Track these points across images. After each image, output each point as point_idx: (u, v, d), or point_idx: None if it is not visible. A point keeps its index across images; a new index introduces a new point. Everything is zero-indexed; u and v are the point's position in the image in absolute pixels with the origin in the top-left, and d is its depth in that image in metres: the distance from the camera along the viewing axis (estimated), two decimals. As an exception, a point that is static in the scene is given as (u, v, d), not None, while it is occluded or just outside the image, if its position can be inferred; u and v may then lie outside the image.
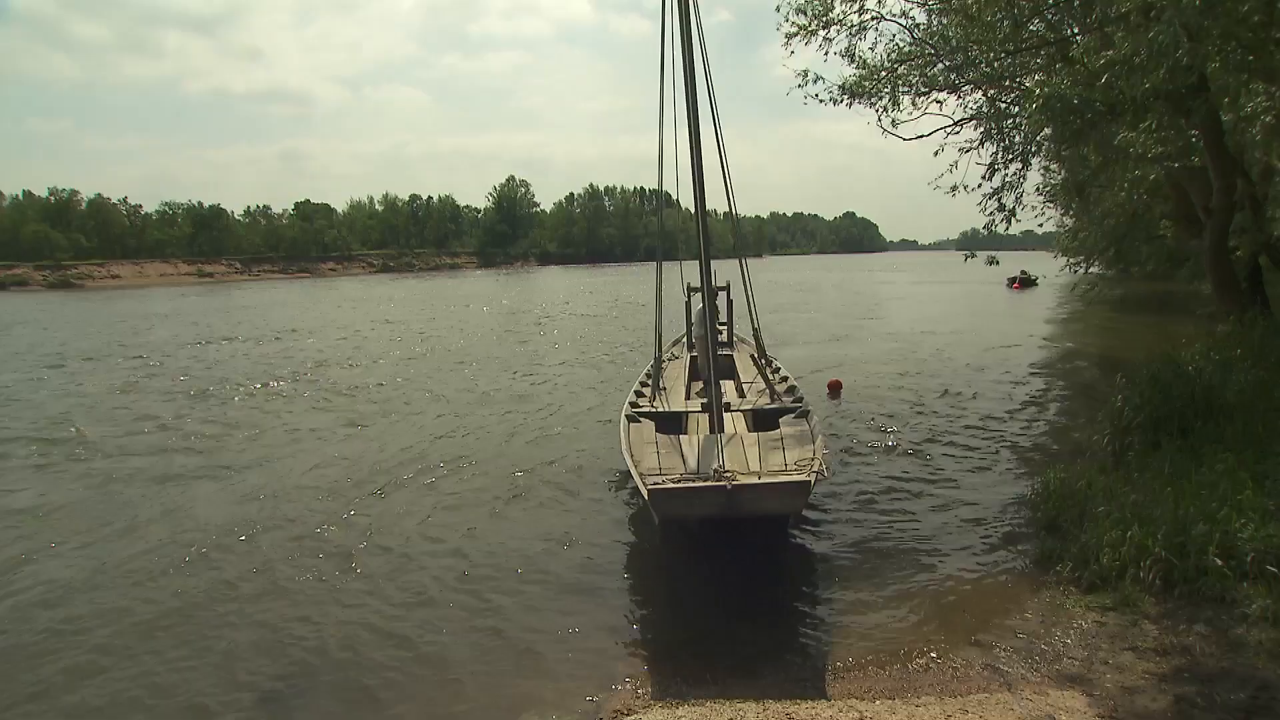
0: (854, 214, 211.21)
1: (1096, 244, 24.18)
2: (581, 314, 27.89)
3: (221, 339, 21.44)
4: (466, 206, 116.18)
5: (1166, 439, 5.95)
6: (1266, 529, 4.10)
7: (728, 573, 4.85)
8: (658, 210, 6.56)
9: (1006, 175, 9.74)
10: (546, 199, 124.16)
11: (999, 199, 9.84)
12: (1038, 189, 15.98)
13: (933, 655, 3.84)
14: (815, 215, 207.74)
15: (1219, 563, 4.00)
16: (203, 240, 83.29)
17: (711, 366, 5.91)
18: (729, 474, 4.41)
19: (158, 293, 53.04)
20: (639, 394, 7.52)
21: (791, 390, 7.42)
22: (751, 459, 5.20)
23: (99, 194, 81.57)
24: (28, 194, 79.22)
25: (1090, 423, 7.86)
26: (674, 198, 7.20)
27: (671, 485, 4.44)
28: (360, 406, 11.33)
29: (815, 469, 4.75)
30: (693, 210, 6.01)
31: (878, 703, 3.37)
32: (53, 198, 78.17)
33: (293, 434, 9.68)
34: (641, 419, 6.45)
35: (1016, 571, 4.86)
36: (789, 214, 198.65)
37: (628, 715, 3.48)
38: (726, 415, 6.21)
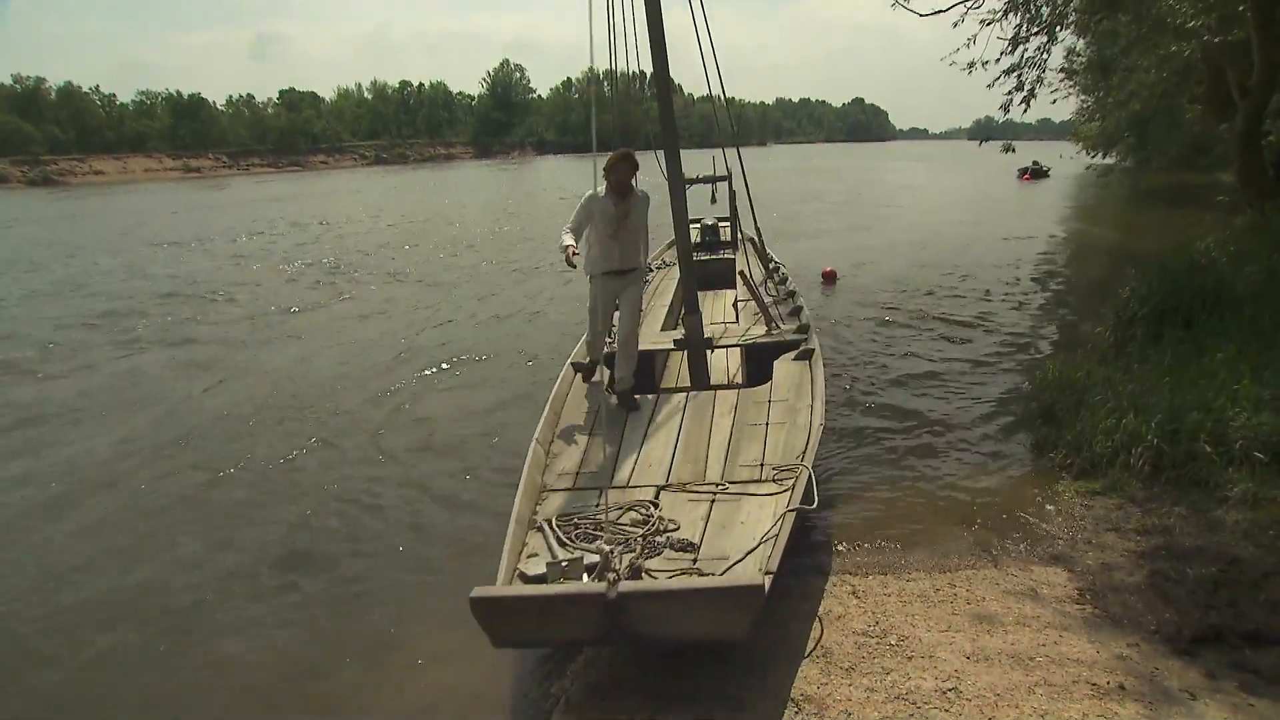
0: (863, 100, 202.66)
1: (1117, 130, 23.26)
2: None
3: (258, 233, 21.68)
4: (460, 94, 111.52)
5: (1170, 330, 5.96)
6: (1258, 417, 4.17)
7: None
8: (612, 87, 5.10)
9: (1028, 51, 9.22)
10: (539, 85, 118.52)
11: (1019, 76, 9.35)
12: (1060, 69, 15.18)
13: (924, 536, 4.02)
14: (823, 102, 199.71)
15: (1208, 449, 4.10)
16: (185, 133, 79.78)
17: (693, 287, 4.87)
18: (613, 572, 2.64)
19: (149, 189, 52.00)
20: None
21: (796, 312, 5.95)
22: (713, 454, 3.78)
23: (68, 82, 77.45)
24: None
25: (1095, 316, 7.85)
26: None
27: (506, 593, 2.62)
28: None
29: (789, 506, 3.14)
30: (695, 94, 5.46)
31: (870, 578, 3.56)
32: (18, 85, 73.97)
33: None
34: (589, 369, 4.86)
35: (1010, 458, 5.00)
36: (795, 100, 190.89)
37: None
38: (711, 355, 5.13)
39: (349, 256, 16.62)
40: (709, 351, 5.00)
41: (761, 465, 3.66)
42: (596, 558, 2.82)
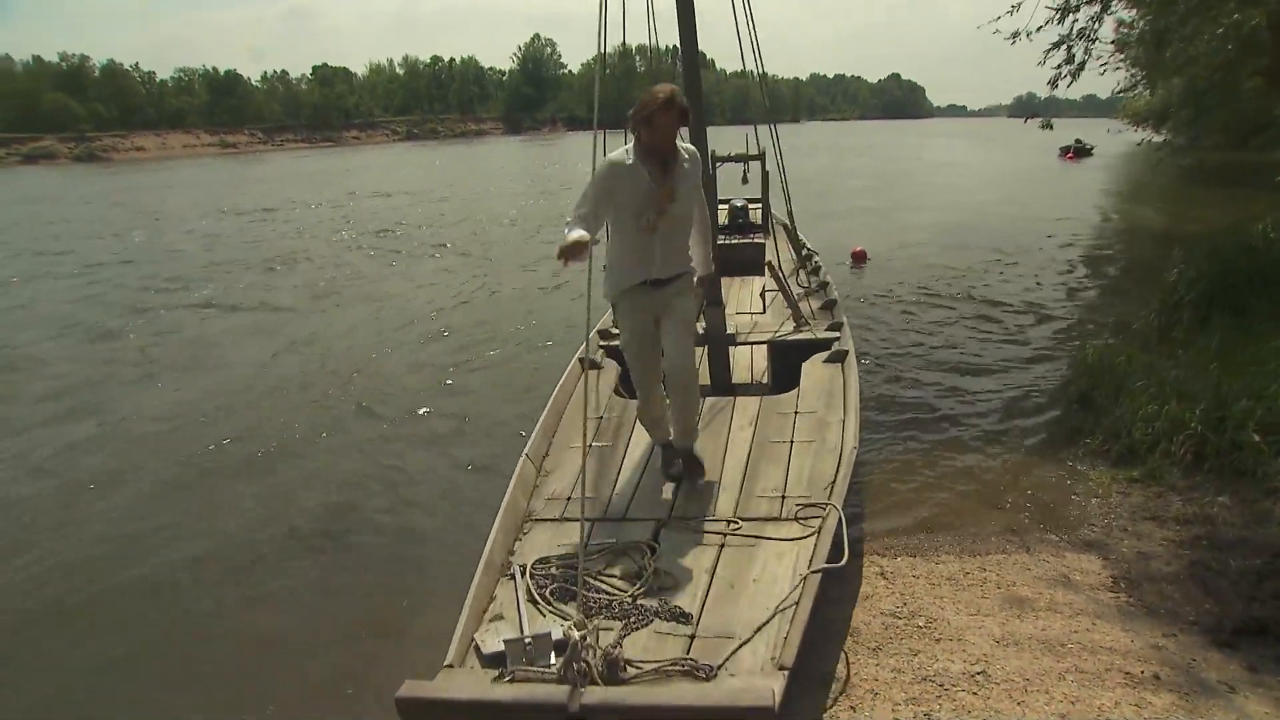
0: (899, 76, 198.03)
1: (1168, 106, 22.30)
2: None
3: (312, 204, 22.83)
4: (490, 69, 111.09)
5: (1219, 315, 5.75)
6: (1313, 407, 4.02)
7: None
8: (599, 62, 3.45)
9: (1078, 21, 8.81)
10: (570, 60, 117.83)
11: (1068, 47, 8.94)
12: (1111, 41, 14.55)
13: (954, 519, 3.97)
14: (858, 77, 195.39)
15: (1256, 438, 3.96)
16: (222, 109, 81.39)
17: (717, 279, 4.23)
18: (582, 663, 2.04)
19: (190, 164, 53.51)
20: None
21: (830, 307, 5.44)
22: (727, 480, 3.30)
23: (111, 59, 79.57)
24: (38, 59, 76.84)
25: (1138, 300, 7.62)
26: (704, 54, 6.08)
27: (441, 694, 2.09)
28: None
29: (811, 565, 2.62)
30: (726, 70, 4.91)
31: (898, 559, 3.53)
32: (64, 63, 75.83)
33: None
34: (603, 364, 4.43)
35: (1044, 442, 4.89)
36: (829, 76, 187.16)
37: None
38: (734, 352, 4.70)
39: (397, 228, 17.35)
40: (731, 348, 4.51)
41: (783, 498, 3.12)
42: (565, 631, 2.16)
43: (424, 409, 6.11)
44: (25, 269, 13.80)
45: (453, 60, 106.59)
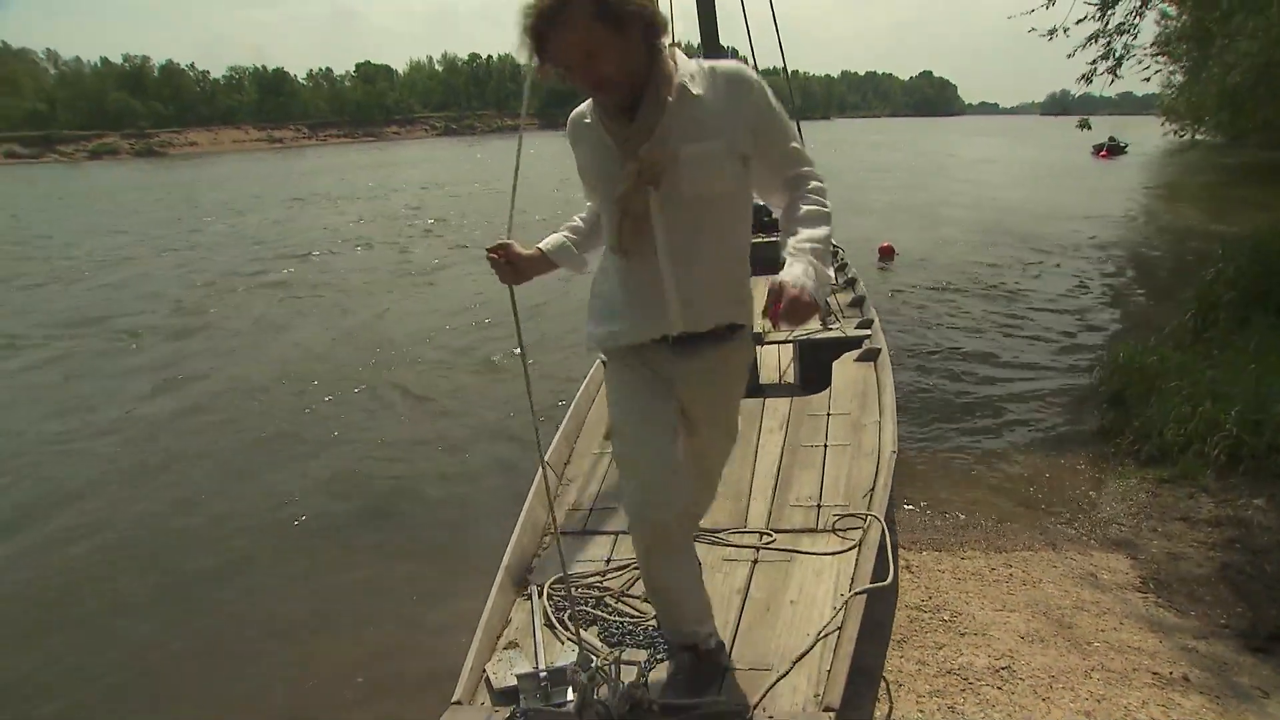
0: (930, 73, 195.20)
1: (1211, 104, 21.66)
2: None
3: (368, 196, 24.63)
4: (528, 64, 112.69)
5: (1259, 316, 5.63)
6: (1357, 410, 3.94)
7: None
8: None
9: (1115, 16, 8.58)
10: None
11: (1108, 44, 8.74)
12: (1153, 40, 14.20)
13: (981, 515, 3.96)
14: (889, 75, 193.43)
15: (1296, 441, 3.90)
16: (270, 106, 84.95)
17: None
18: (600, 705, 1.85)
19: (241, 159, 56.27)
20: None
21: (859, 304, 5.20)
22: (758, 488, 3.07)
23: (169, 59, 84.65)
24: (105, 61, 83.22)
25: (1173, 299, 7.49)
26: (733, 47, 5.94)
27: None
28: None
29: (854, 587, 2.40)
30: (754, 65, 4.52)
31: (924, 553, 3.54)
32: (127, 64, 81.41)
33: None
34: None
35: (1073, 441, 4.85)
36: (860, 73, 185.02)
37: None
38: (761, 351, 4.57)
39: (447, 217, 18.45)
40: (757, 347, 4.26)
41: (819, 507, 2.90)
42: (586, 663, 1.98)
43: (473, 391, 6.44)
44: (143, 250, 15.20)
45: (490, 57, 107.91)
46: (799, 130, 5.36)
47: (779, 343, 4.71)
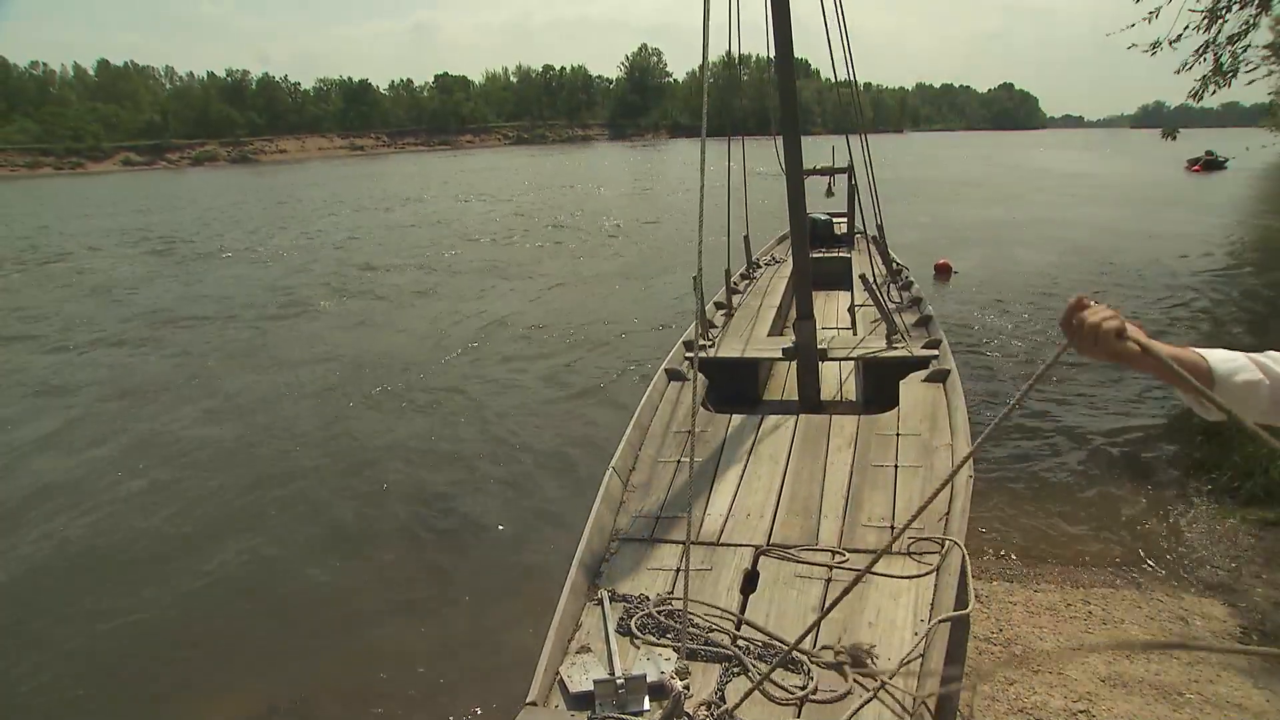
0: (1011, 86, 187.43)
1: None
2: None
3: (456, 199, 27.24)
4: (598, 77, 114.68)
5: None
6: None
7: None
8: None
9: (1224, 26, 8.06)
10: (675, 69, 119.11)
11: (1216, 54, 8.20)
12: (1266, 44, 13.27)
13: (1056, 547, 3.76)
14: (966, 87, 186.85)
15: None
16: (353, 115, 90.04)
17: (806, 295, 4.03)
18: (684, 717, 1.92)
19: (327, 165, 60.40)
20: (709, 323, 5.01)
21: (925, 323, 4.97)
22: (829, 506, 3.00)
23: (266, 73, 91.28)
24: (211, 75, 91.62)
25: (1275, 327, 6.93)
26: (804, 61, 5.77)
27: None
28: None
29: (935, 615, 2.29)
30: (830, 79, 4.47)
31: (994, 583, 3.39)
32: (229, 78, 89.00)
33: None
34: (689, 375, 4.06)
35: (1160, 474, 4.55)
36: (936, 85, 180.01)
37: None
38: (823, 368, 4.32)
39: (524, 225, 19.33)
40: (820, 363, 4.25)
41: (892, 528, 2.81)
42: (662, 673, 2.03)
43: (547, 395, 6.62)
44: (281, 245, 17.22)
45: (563, 69, 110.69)
46: (864, 143, 5.27)
47: (843, 359, 4.54)
